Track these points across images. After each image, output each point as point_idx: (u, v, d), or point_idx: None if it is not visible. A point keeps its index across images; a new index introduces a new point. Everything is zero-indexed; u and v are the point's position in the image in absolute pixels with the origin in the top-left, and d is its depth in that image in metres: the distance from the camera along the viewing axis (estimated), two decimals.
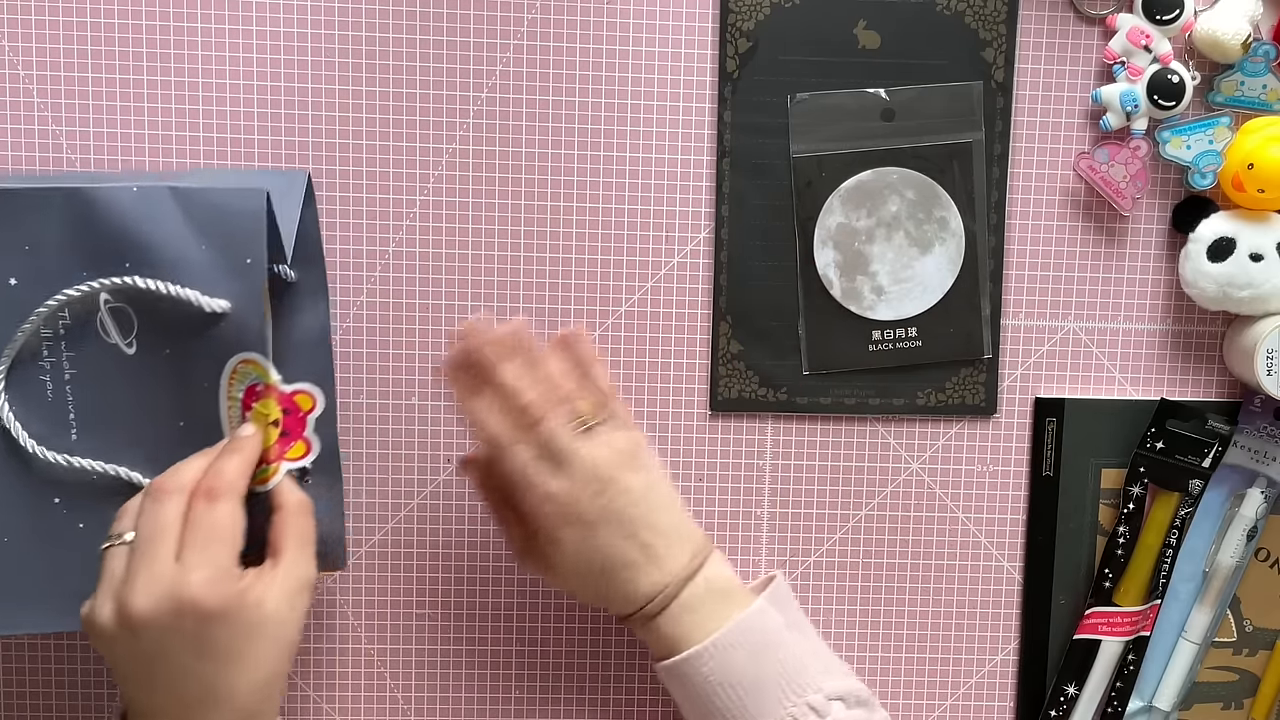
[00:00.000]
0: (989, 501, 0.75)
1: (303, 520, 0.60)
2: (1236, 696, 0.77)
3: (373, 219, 0.70)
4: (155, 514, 0.55)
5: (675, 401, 0.73)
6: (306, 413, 0.64)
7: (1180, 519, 0.74)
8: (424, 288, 0.71)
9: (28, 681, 0.72)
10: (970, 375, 0.73)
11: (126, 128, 0.69)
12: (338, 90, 0.69)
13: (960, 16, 0.71)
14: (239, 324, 0.59)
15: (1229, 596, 0.76)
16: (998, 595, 0.76)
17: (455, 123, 0.70)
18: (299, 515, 0.60)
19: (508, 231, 0.71)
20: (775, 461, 0.74)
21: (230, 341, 0.59)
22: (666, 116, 0.71)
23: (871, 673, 0.76)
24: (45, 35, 0.68)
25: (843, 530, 0.75)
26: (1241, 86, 0.71)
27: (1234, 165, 0.70)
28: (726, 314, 0.72)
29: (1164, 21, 0.70)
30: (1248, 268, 0.70)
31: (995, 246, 0.72)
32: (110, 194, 0.59)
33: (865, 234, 0.72)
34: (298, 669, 0.73)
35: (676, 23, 0.70)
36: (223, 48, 0.69)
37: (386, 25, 0.69)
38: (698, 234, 0.72)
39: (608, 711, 0.75)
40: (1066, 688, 0.75)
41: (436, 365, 0.71)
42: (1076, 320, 0.74)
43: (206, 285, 0.59)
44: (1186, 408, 0.74)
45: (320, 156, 0.70)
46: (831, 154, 0.71)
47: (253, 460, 0.59)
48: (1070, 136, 0.72)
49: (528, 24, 0.70)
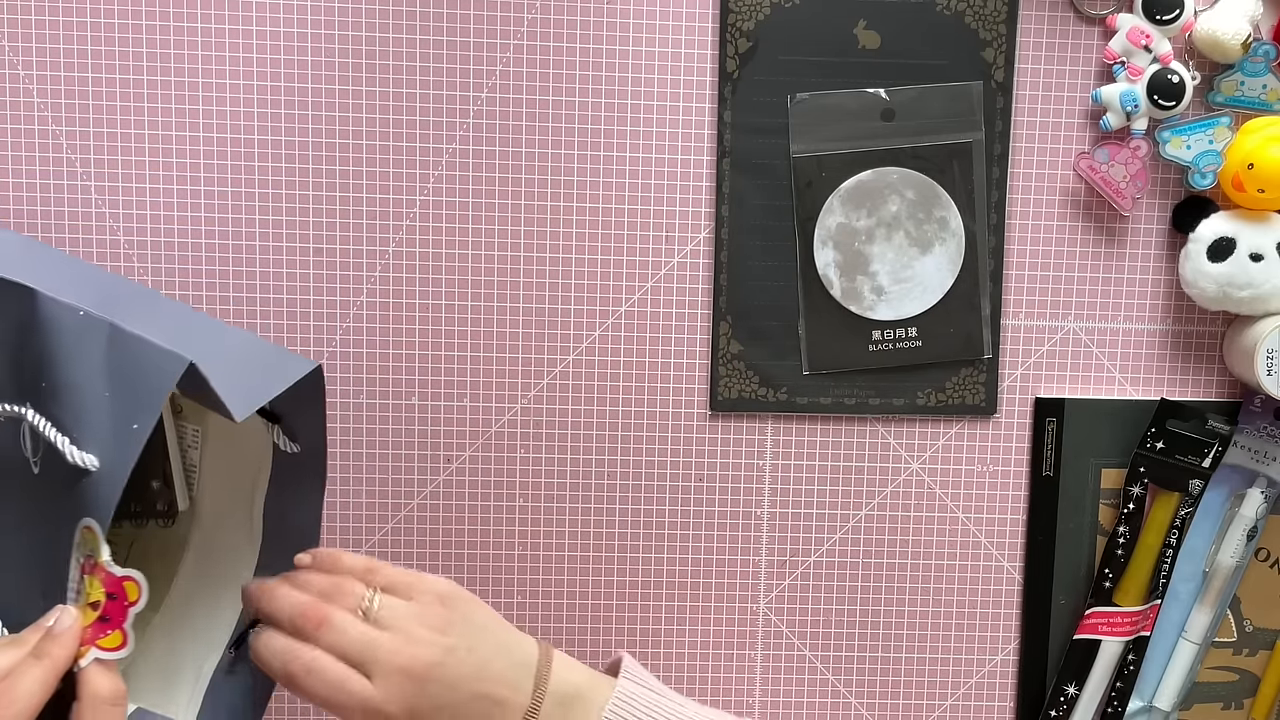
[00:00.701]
0: (989, 501, 0.75)
1: (105, 715, 0.53)
2: (1236, 696, 0.77)
3: (373, 219, 0.70)
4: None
5: (675, 401, 0.73)
6: (131, 603, 0.55)
7: (1180, 519, 0.74)
8: (424, 288, 0.71)
9: None
10: (970, 375, 0.73)
11: (126, 128, 0.69)
12: (338, 90, 0.69)
13: (960, 16, 0.71)
14: (97, 487, 0.53)
15: (1229, 596, 0.76)
16: (998, 595, 0.76)
17: (455, 123, 0.70)
18: (99, 710, 0.52)
19: (508, 231, 0.71)
20: (775, 461, 0.74)
21: (83, 502, 0.53)
22: (666, 116, 0.71)
23: (871, 673, 0.76)
24: (45, 35, 0.68)
25: (843, 530, 0.75)
26: (1241, 86, 0.71)
27: (1234, 165, 0.70)
28: (726, 314, 0.72)
29: (1164, 21, 0.70)
30: (1248, 268, 0.70)
31: (995, 246, 0.72)
32: (56, 309, 0.54)
33: (865, 234, 0.72)
34: None
35: (676, 23, 0.70)
36: (223, 48, 0.69)
37: (386, 25, 0.69)
38: (698, 234, 0.72)
39: None
40: (1066, 688, 0.75)
41: (439, 365, 0.71)
42: (1076, 320, 0.74)
43: (91, 435, 0.53)
44: (1186, 408, 0.74)
45: (320, 156, 0.70)
46: (831, 154, 0.71)
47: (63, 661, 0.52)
48: (1070, 136, 0.72)
49: (528, 24, 0.70)
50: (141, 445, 0.53)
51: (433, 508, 0.72)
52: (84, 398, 0.54)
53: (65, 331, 0.54)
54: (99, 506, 0.53)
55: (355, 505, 0.72)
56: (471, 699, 0.56)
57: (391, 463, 0.72)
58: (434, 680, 0.55)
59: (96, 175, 0.69)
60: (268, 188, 0.70)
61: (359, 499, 0.72)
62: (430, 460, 0.72)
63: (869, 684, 0.76)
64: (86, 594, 0.53)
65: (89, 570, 0.53)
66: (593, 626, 0.74)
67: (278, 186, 0.70)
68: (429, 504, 0.72)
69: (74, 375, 0.54)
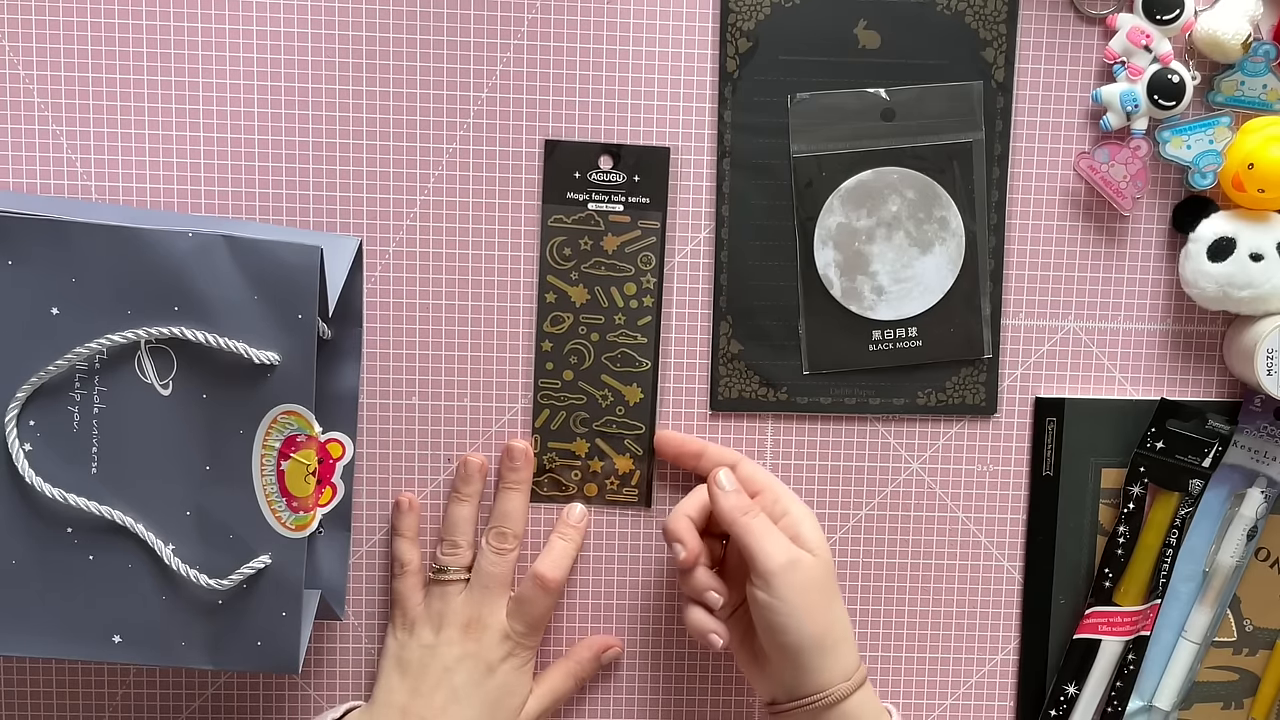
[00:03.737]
0: (989, 501, 0.75)
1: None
2: (1236, 696, 0.77)
3: (373, 219, 0.70)
4: (496, 564, 0.70)
5: (675, 401, 0.73)
6: (336, 460, 0.67)
7: (1180, 519, 0.74)
8: (424, 287, 0.71)
9: (28, 681, 0.72)
10: (970, 375, 0.73)
11: (127, 128, 0.69)
12: (338, 90, 0.69)
13: (960, 16, 0.71)
14: (287, 377, 0.60)
15: (1229, 596, 0.76)
16: (998, 595, 0.76)
17: (455, 123, 0.70)
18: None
19: (508, 231, 0.71)
20: (775, 461, 0.74)
21: (275, 393, 0.60)
22: (667, 116, 0.71)
23: (872, 673, 0.76)
24: (45, 35, 0.68)
25: (843, 530, 0.75)
26: (1242, 86, 0.71)
27: (1234, 165, 0.70)
28: (726, 314, 0.72)
29: (1164, 21, 0.70)
30: (1248, 268, 0.70)
31: (995, 246, 0.72)
32: (165, 238, 0.59)
33: (865, 234, 0.72)
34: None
35: (676, 23, 0.70)
36: (223, 48, 0.69)
37: (386, 25, 0.69)
38: (698, 234, 0.72)
39: (608, 711, 0.75)
40: (1066, 687, 0.75)
41: (439, 365, 0.71)
42: (1076, 320, 0.74)
43: (255, 336, 0.60)
44: (1186, 408, 0.74)
45: (320, 157, 0.70)
46: (831, 154, 0.71)
47: (574, 555, 0.71)
48: (1070, 136, 0.72)
49: (528, 24, 0.70)
50: (315, 331, 0.60)
51: (433, 508, 0.72)
52: (229, 306, 0.60)
53: (183, 255, 0.60)
54: (293, 393, 0.60)
55: (355, 505, 0.72)
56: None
57: (391, 463, 0.72)
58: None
59: (97, 175, 0.69)
60: (268, 187, 0.70)
61: (359, 499, 0.72)
62: (430, 460, 0.72)
63: (870, 683, 0.76)
64: (305, 465, 0.61)
65: (299, 447, 0.61)
66: (592, 627, 0.74)
67: (278, 186, 0.70)
68: (429, 504, 0.72)
69: (210, 289, 0.60)
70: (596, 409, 0.71)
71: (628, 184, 0.70)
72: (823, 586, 0.65)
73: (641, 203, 0.70)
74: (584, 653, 0.73)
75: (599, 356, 0.70)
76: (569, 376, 0.70)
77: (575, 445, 0.71)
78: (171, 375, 0.61)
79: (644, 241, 0.70)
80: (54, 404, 0.61)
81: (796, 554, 0.65)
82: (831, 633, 0.65)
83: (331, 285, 0.63)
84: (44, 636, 0.62)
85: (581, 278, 0.70)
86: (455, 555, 0.70)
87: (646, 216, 0.69)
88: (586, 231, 0.69)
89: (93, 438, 0.61)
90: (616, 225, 0.69)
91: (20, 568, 0.61)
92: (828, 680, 0.65)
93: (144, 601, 0.62)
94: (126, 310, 0.60)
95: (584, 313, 0.70)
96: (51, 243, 0.59)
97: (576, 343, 0.69)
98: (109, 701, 0.73)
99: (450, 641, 0.69)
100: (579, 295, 0.69)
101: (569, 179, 0.70)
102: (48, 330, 0.60)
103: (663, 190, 0.70)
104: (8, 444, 0.60)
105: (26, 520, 0.61)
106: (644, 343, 0.71)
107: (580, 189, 0.70)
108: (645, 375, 0.71)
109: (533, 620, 0.69)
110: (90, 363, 0.60)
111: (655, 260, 0.70)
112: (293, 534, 0.61)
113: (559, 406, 0.70)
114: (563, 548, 0.71)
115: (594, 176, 0.68)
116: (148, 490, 0.61)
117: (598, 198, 0.70)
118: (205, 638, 0.62)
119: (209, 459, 0.61)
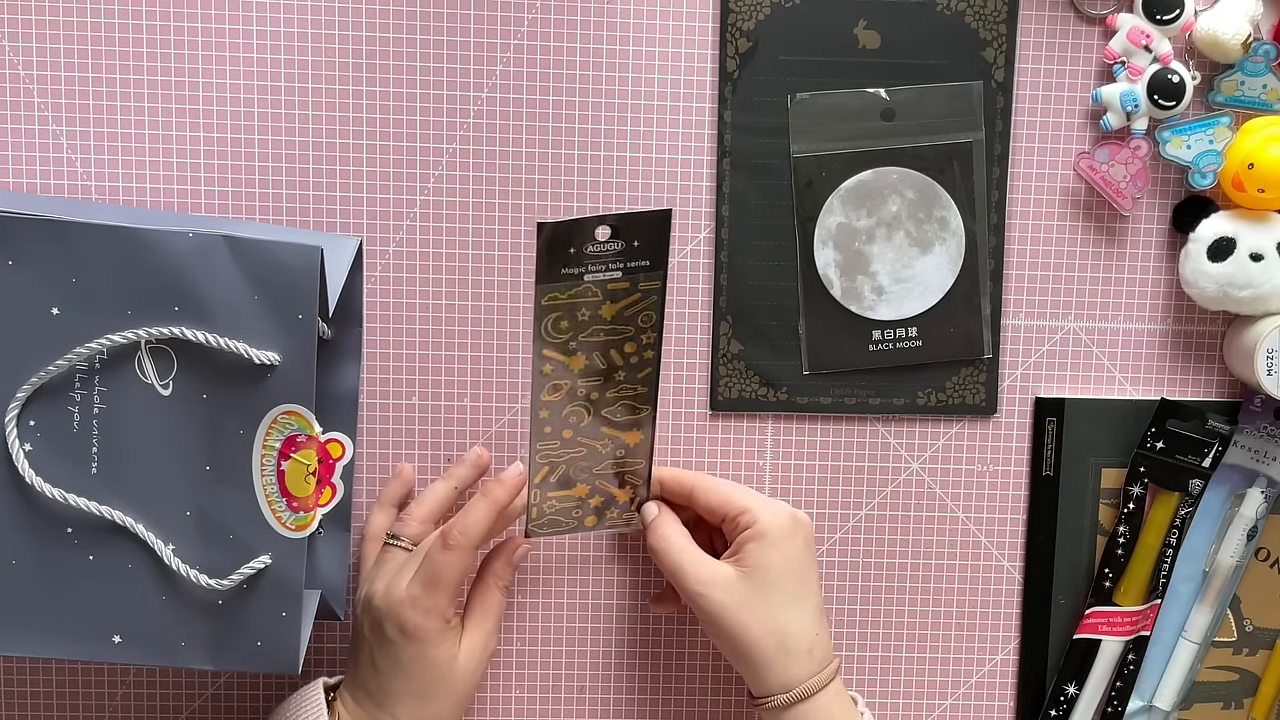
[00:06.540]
0: (989, 501, 0.75)
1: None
2: (1236, 696, 0.77)
3: (373, 219, 0.70)
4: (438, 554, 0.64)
5: (675, 401, 0.73)
6: (337, 460, 0.68)
7: (1180, 519, 0.74)
8: (424, 287, 0.71)
9: (28, 681, 0.72)
10: (970, 375, 0.73)
11: (126, 128, 0.69)
12: (338, 90, 0.69)
13: (960, 16, 0.71)
14: (287, 377, 0.60)
15: (1229, 596, 0.76)
16: (998, 595, 0.76)
17: (455, 123, 0.70)
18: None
19: (508, 231, 0.71)
20: (775, 461, 0.74)
21: (275, 393, 0.60)
22: (666, 116, 0.71)
23: (871, 673, 0.76)
24: (45, 35, 0.68)
25: (843, 530, 0.75)
26: (1242, 86, 0.71)
27: (1234, 165, 0.70)
28: (726, 314, 0.72)
29: (1164, 21, 0.70)
30: (1248, 268, 0.70)
31: (995, 246, 0.72)
32: (165, 238, 0.59)
33: (865, 234, 0.72)
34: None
35: (676, 23, 0.70)
36: (223, 48, 0.69)
37: (386, 25, 0.69)
38: (698, 234, 0.72)
39: (609, 711, 0.75)
40: (1066, 687, 0.75)
41: (439, 365, 0.71)
42: (1076, 320, 0.74)
43: (255, 336, 0.60)
44: (1186, 408, 0.74)
45: (320, 156, 0.70)
46: (831, 154, 0.71)
47: (492, 515, 0.65)
48: (1070, 136, 0.72)
49: (528, 24, 0.70)
50: (315, 331, 0.60)
51: None
52: (229, 306, 0.60)
53: (184, 255, 0.60)
54: (293, 393, 0.60)
55: (355, 505, 0.72)
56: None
57: (391, 463, 0.72)
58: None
59: (97, 175, 0.69)
60: (268, 187, 0.70)
61: (359, 499, 0.72)
62: (430, 460, 0.72)
63: (869, 683, 0.76)
64: (305, 466, 0.61)
65: (299, 447, 0.61)
66: (592, 627, 0.74)
67: (278, 186, 0.70)
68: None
69: (211, 289, 0.59)
70: (596, 456, 0.67)
71: (626, 250, 0.62)
72: (763, 594, 0.65)
73: (641, 265, 0.63)
74: (495, 563, 0.68)
75: (599, 412, 0.66)
76: (568, 435, 0.66)
77: (576, 490, 0.68)
78: (172, 375, 0.61)
79: (644, 303, 0.64)
80: (54, 404, 0.61)
81: (716, 571, 0.66)
82: (788, 634, 0.65)
83: (332, 285, 0.63)
84: (44, 636, 0.62)
85: (580, 346, 0.64)
86: (404, 525, 0.67)
87: (647, 278, 0.64)
88: (584, 304, 0.63)
89: (93, 438, 0.61)
90: (615, 293, 0.63)
91: (20, 568, 0.61)
92: (790, 679, 0.65)
93: (144, 601, 0.62)
94: (126, 310, 0.60)
95: (583, 377, 0.65)
96: (51, 243, 0.59)
97: (575, 405, 0.65)
98: (109, 701, 0.73)
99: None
100: (576, 363, 0.64)
101: (564, 255, 0.62)
102: (48, 330, 0.60)
103: (663, 253, 0.63)
104: (8, 444, 0.60)
105: (26, 520, 0.61)
106: (644, 392, 0.66)
107: (576, 263, 0.62)
108: (645, 419, 0.67)
109: (429, 578, 0.63)
110: (90, 363, 0.60)
111: (656, 317, 0.65)
112: (293, 534, 0.61)
113: (559, 462, 0.67)
114: (479, 505, 0.65)
115: (590, 249, 0.61)
116: (148, 490, 0.61)
117: (595, 268, 0.62)
118: (205, 638, 0.62)
119: (209, 459, 0.61)
